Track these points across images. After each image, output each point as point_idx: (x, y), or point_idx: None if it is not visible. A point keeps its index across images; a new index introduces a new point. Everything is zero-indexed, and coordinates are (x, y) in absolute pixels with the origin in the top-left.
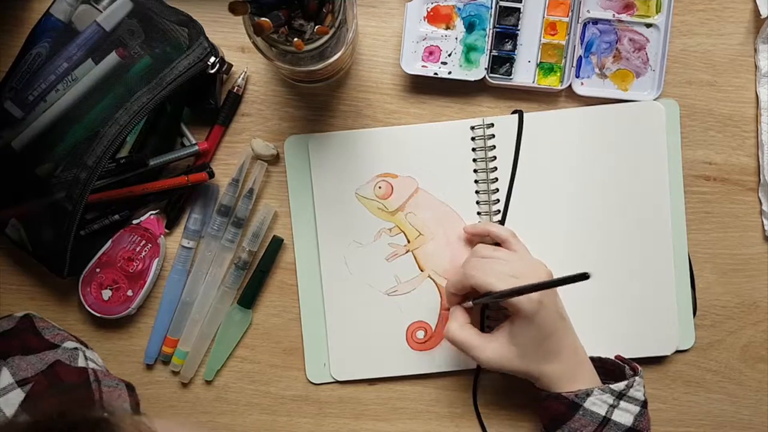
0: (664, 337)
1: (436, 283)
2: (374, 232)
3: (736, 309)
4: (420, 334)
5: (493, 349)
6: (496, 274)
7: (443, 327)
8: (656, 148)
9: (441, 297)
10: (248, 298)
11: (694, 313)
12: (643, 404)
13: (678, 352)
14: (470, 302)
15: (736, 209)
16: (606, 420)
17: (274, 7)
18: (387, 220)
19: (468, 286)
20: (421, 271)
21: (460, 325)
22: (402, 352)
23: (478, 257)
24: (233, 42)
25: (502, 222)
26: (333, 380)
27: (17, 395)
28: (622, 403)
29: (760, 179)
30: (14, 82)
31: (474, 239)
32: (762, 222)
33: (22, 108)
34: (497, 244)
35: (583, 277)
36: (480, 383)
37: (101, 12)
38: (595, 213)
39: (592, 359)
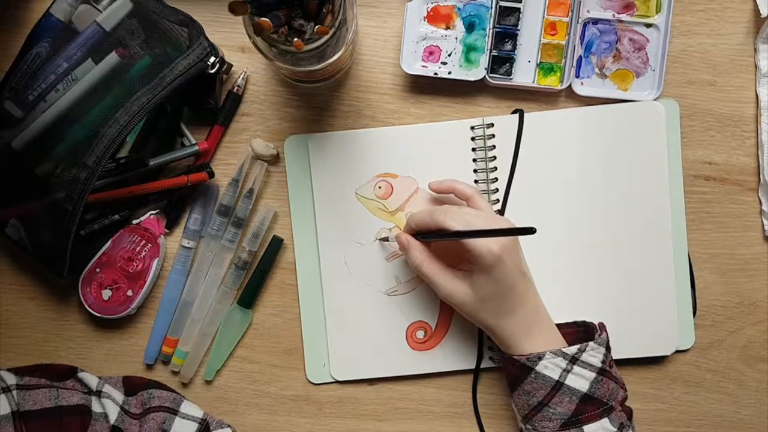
0: (664, 337)
1: None
2: (374, 232)
3: (736, 309)
4: (420, 334)
5: (455, 287)
6: (463, 221)
7: (443, 327)
8: (656, 148)
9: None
10: (248, 298)
11: (694, 313)
12: (600, 371)
13: (678, 352)
14: (425, 239)
15: (736, 209)
16: (559, 384)
17: (274, 7)
18: (387, 220)
19: (432, 226)
20: None
21: (427, 257)
22: (402, 352)
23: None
24: (233, 42)
25: None
26: (333, 380)
27: None
28: (576, 368)
29: (760, 179)
30: (14, 82)
31: (440, 197)
32: (762, 222)
33: (22, 108)
34: None
35: (530, 231)
36: (480, 383)
37: (101, 12)
38: (595, 213)
39: (576, 323)
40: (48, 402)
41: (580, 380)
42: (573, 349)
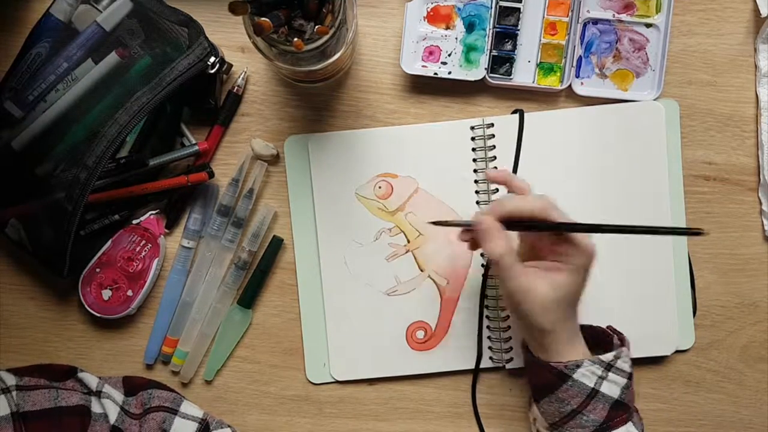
0: (664, 337)
1: (436, 283)
2: (374, 232)
3: (736, 309)
4: (420, 334)
5: (536, 284)
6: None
7: (443, 327)
8: (656, 148)
9: (441, 297)
10: (248, 298)
11: (694, 313)
12: (629, 376)
13: (678, 352)
14: (532, 228)
15: (736, 209)
16: (594, 392)
17: (274, 7)
18: (387, 220)
19: (537, 215)
20: (421, 271)
21: (511, 248)
22: (402, 352)
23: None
24: (233, 42)
25: None
26: (333, 380)
27: None
28: (610, 375)
29: (760, 179)
30: (14, 82)
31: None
32: (762, 222)
33: (22, 108)
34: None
35: (698, 232)
36: (479, 383)
37: (101, 12)
38: (595, 213)
39: (582, 326)
40: (47, 403)
41: (613, 387)
42: (609, 356)
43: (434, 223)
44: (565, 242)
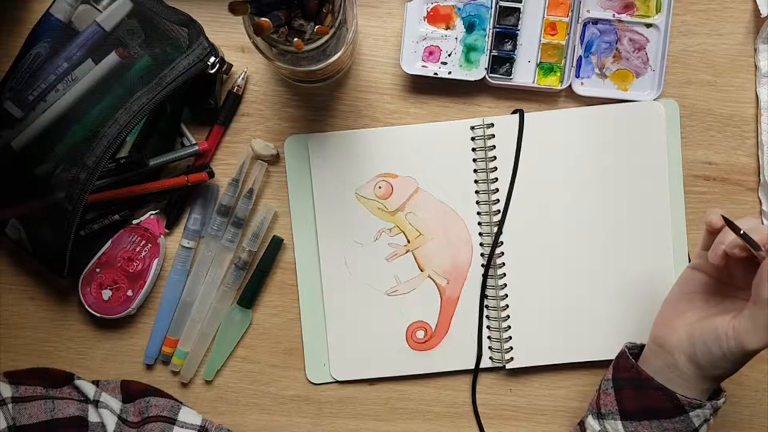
0: None
1: (436, 283)
2: (374, 232)
3: None
4: (420, 334)
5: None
6: None
7: (443, 327)
8: (656, 148)
9: (441, 297)
10: (248, 298)
11: None
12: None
13: None
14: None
15: (736, 209)
16: (695, 431)
17: (274, 7)
18: (387, 220)
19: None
20: (421, 271)
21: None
22: (402, 352)
23: None
24: (233, 42)
25: (501, 222)
26: (333, 380)
27: None
28: (712, 420)
29: (760, 179)
30: (14, 82)
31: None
32: (762, 222)
33: (22, 108)
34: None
35: None
36: (479, 383)
37: (101, 12)
38: (595, 213)
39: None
40: (44, 415)
41: (706, 430)
42: (721, 402)
43: (727, 222)
44: None
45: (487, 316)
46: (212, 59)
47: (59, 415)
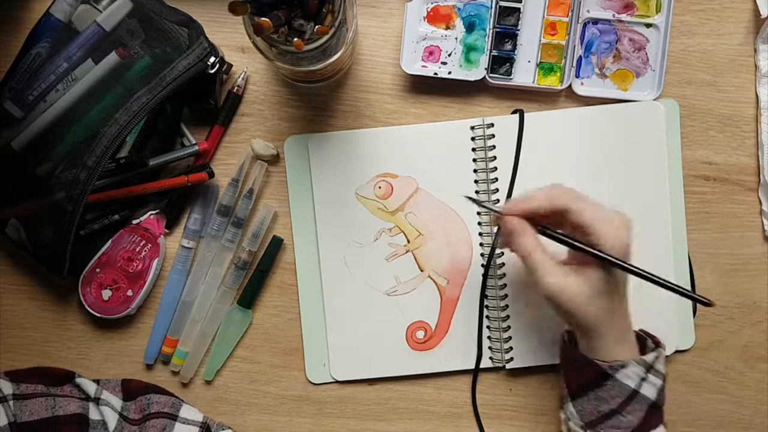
0: (664, 337)
1: (436, 283)
2: (374, 232)
3: (736, 309)
4: (420, 334)
5: (568, 280)
6: (615, 235)
7: (443, 327)
8: (656, 148)
9: (441, 297)
10: (248, 298)
11: (694, 313)
12: (664, 378)
13: (678, 352)
14: (557, 237)
15: (736, 209)
16: (634, 393)
17: (274, 7)
18: (387, 220)
19: (557, 212)
20: (421, 271)
21: (539, 245)
22: (402, 352)
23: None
24: (233, 42)
25: None
26: (333, 380)
27: None
28: (650, 376)
29: (760, 179)
30: (14, 82)
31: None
32: (762, 222)
33: (22, 108)
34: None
35: (707, 303)
36: (479, 383)
37: (101, 12)
38: None
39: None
40: (45, 412)
41: (651, 389)
42: (651, 357)
43: (468, 197)
44: (596, 240)
45: (487, 316)
46: (212, 59)
47: (60, 412)
